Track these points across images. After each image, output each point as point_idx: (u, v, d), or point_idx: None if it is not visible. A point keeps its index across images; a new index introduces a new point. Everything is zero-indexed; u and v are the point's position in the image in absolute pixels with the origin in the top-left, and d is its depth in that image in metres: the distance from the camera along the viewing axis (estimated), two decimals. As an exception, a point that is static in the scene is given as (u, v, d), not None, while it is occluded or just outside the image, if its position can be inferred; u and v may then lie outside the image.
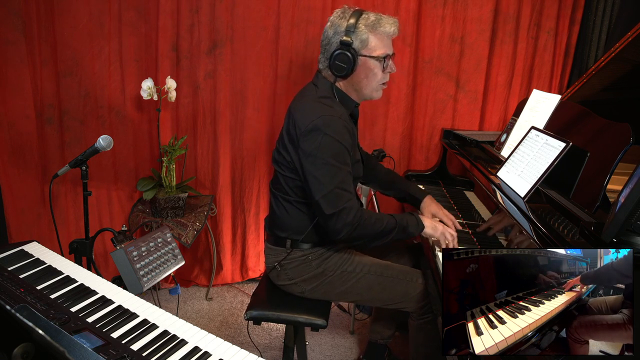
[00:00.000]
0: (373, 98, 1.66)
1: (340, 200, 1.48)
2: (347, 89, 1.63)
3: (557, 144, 1.50)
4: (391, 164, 2.55)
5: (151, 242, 1.45)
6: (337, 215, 1.48)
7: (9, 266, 1.18)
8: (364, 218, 1.51)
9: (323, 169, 1.48)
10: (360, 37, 1.53)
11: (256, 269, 2.82)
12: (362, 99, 1.67)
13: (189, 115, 2.53)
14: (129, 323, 1.01)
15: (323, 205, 1.48)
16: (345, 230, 1.49)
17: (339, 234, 1.50)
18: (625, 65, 1.70)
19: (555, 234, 1.22)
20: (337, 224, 1.49)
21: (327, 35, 1.58)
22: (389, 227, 1.55)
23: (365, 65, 1.57)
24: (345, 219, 1.48)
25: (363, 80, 1.59)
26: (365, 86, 1.61)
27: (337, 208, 1.48)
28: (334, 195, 1.48)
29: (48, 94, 2.30)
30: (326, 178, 1.48)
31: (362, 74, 1.58)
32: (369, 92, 1.63)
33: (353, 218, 1.48)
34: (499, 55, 2.60)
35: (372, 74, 1.59)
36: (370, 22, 1.54)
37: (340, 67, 1.54)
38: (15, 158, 2.28)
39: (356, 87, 1.62)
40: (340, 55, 1.53)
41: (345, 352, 2.27)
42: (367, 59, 1.56)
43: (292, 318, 1.65)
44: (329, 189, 1.47)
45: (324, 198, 1.48)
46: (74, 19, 2.26)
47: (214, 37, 2.41)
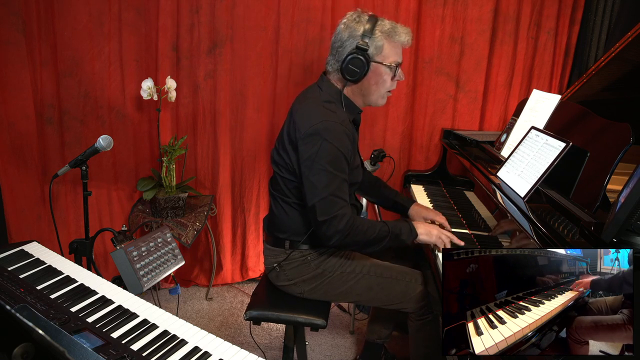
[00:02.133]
0: (377, 104, 1.66)
1: (333, 207, 1.48)
2: (353, 95, 1.63)
3: (557, 144, 1.50)
4: (391, 164, 2.56)
5: (151, 242, 1.45)
6: (329, 222, 1.48)
7: (9, 266, 1.18)
8: (356, 226, 1.50)
9: (319, 175, 1.48)
10: (376, 43, 1.53)
11: (256, 269, 2.82)
12: (366, 105, 1.67)
13: (189, 115, 2.53)
14: (129, 323, 1.01)
15: (316, 211, 1.48)
16: (336, 237, 1.49)
17: (330, 240, 1.50)
18: (625, 65, 1.70)
19: (555, 234, 1.22)
20: (328, 231, 1.49)
21: (341, 38, 1.55)
22: (382, 235, 1.55)
23: (377, 71, 1.56)
24: (337, 227, 1.47)
25: (372, 87, 1.59)
26: (373, 92, 1.61)
27: (329, 215, 1.47)
28: (328, 202, 1.47)
29: (48, 94, 2.30)
30: (321, 184, 1.47)
31: (372, 80, 1.57)
32: (375, 99, 1.63)
33: (344, 226, 1.48)
34: (499, 55, 2.60)
35: (382, 81, 1.59)
36: (386, 30, 1.53)
37: (352, 71, 1.53)
38: (15, 158, 2.28)
39: (364, 92, 1.61)
40: (355, 59, 1.52)
41: (345, 352, 2.27)
42: (379, 66, 1.56)
43: (292, 318, 1.65)
44: (323, 196, 1.47)
45: (317, 204, 1.48)
46: (74, 19, 2.26)
47: (214, 37, 2.41)
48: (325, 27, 2.46)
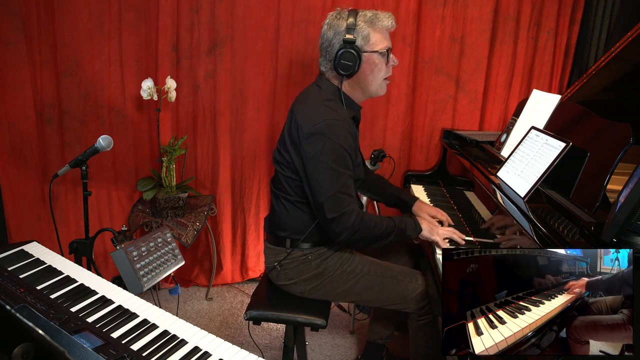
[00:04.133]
0: (378, 94, 1.68)
1: (342, 204, 1.50)
2: (352, 90, 1.64)
3: (557, 144, 1.50)
4: (391, 164, 2.56)
5: (151, 242, 1.45)
6: (338, 219, 1.50)
7: (9, 266, 1.18)
8: (364, 221, 1.53)
9: (325, 173, 1.49)
10: (361, 33, 1.55)
11: (256, 269, 2.82)
12: (367, 97, 1.68)
13: (189, 115, 2.53)
14: (129, 323, 1.01)
15: (325, 209, 1.50)
16: (345, 233, 1.51)
17: (339, 236, 1.53)
18: (625, 65, 1.70)
19: (555, 234, 1.22)
20: (337, 227, 1.51)
21: (327, 38, 1.58)
22: (388, 230, 1.58)
23: (370, 60, 1.58)
24: (346, 223, 1.50)
25: (369, 77, 1.61)
26: (371, 82, 1.62)
27: (338, 212, 1.49)
28: (336, 199, 1.49)
29: (48, 94, 2.30)
30: (328, 182, 1.49)
31: (367, 70, 1.59)
32: (375, 89, 1.65)
33: (354, 221, 1.50)
34: (499, 55, 2.60)
35: (377, 69, 1.60)
36: (368, 18, 1.56)
37: (346, 65, 1.55)
38: (15, 158, 2.28)
39: (362, 84, 1.63)
40: (345, 53, 1.54)
41: (345, 352, 2.27)
42: (371, 54, 1.57)
43: (292, 318, 1.65)
44: (330, 193, 1.49)
45: (325, 202, 1.50)
46: (74, 19, 2.26)
47: (214, 37, 2.41)
48: (325, 27, 2.46)
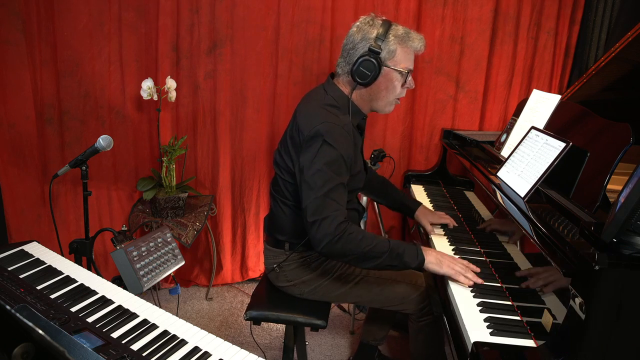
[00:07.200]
0: (384, 112, 1.64)
1: (326, 208, 1.40)
2: (361, 100, 1.59)
3: (557, 144, 1.50)
4: (391, 164, 2.56)
5: (151, 242, 1.45)
6: (319, 224, 1.39)
7: (9, 266, 1.18)
8: (348, 232, 1.40)
9: (315, 175, 1.42)
10: (389, 47, 1.50)
11: (256, 269, 2.82)
12: (372, 111, 1.64)
13: (189, 115, 2.53)
14: (129, 323, 1.02)
15: (308, 211, 1.42)
16: (325, 240, 1.39)
17: (319, 244, 1.40)
18: (625, 65, 1.70)
19: (555, 234, 1.22)
20: (318, 234, 1.40)
21: (353, 40, 1.52)
22: (379, 249, 1.43)
23: (388, 76, 1.53)
24: (326, 229, 1.38)
25: (382, 92, 1.56)
26: (382, 98, 1.57)
27: (320, 216, 1.39)
28: (320, 202, 1.40)
29: (48, 94, 2.30)
30: (316, 184, 1.42)
31: (382, 84, 1.54)
32: (383, 105, 1.60)
33: (335, 229, 1.38)
34: (499, 55, 2.60)
35: (392, 87, 1.55)
36: (400, 35, 1.51)
37: (363, 74, 1.50)
38: (15, 158, 2.28)
39: (373, 97, 1.58)
40: (366, 62, 1.48)
41: (345, 352, 2.27)
42: (390, 71, 1.53)
43: (292, 318, 1.65)
44: (316, 195, 1.41)
45: (309, 204, 1.42)
46: (74, 19, 2.26)
47: (214, 37, 2.41)
48: (325, 27, 2.46)
